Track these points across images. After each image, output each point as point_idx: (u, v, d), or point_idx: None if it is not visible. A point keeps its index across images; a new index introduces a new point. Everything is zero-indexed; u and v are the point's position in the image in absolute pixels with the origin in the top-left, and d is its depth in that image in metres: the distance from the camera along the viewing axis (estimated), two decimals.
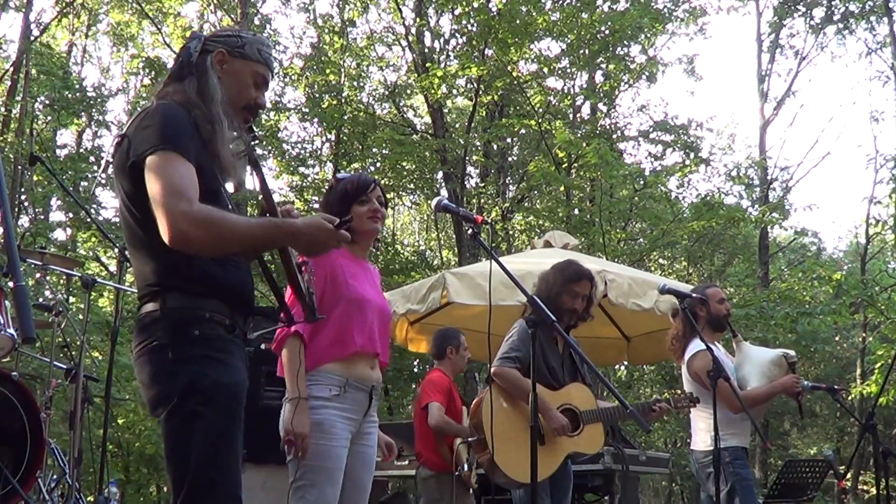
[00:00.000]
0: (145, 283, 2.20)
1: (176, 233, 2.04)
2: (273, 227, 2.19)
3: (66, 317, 5.57)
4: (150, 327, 2.15)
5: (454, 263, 16.58)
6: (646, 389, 17.49)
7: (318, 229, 2.18)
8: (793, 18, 17.85)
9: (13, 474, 4.01)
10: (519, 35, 14.02)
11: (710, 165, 16.91)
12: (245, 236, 2.13)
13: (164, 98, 2.27)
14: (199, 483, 2.06)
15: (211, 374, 2.10)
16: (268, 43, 2.46)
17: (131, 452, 14.71)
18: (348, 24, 16.82)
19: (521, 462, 3.86)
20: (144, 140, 2.14)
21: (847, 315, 13.11)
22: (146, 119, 2.19)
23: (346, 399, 2.94)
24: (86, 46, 18.51)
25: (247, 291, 2.31)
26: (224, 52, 2.34)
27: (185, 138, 2.16)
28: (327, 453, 2.85)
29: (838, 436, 20.78)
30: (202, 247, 2.10)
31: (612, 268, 6.84)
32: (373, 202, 3.12)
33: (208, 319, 2.15)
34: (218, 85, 2.29)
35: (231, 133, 2.30)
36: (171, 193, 2.05)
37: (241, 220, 2.15)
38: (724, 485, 4.26)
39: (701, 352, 4.28)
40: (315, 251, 2.29)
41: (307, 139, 16.89)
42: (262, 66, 2.39)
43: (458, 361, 5.36)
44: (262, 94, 2.41)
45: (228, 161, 2.27)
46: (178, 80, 2.31)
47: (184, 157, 2.12)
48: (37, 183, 14.34)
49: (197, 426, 2.07)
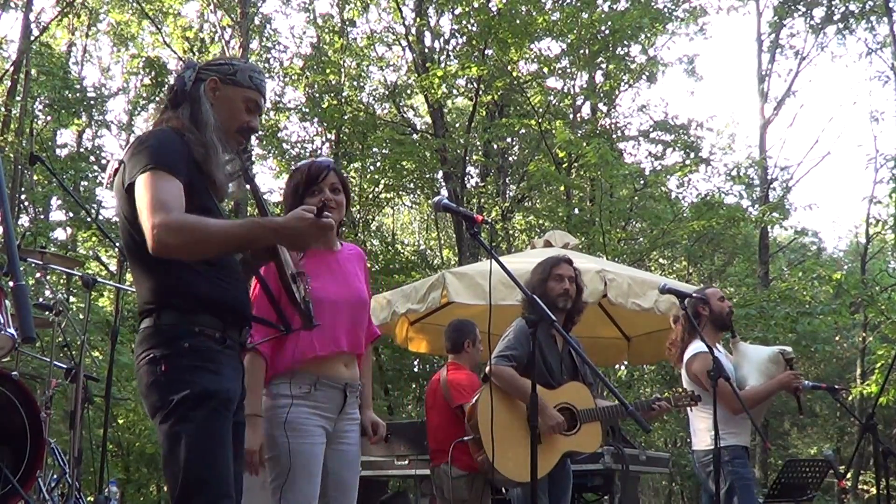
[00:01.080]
0: (143, 300, 2.36)
1: (155, 242, 2.18)
2: (254, 224, 2.28)
3: (66, 316, 5.56)
4: (147, 341, 2.31)
5: (454, 263, 16.59)
6: (646, 389, 17.48)
7: (298, 221, 2.24)
8: (793, 18, 17.84)
9: (13, 474, 4.01)
10: (519, 35, 14.01)
11: (710, 165, 16.93)
12: (225, 236, 2.23)
13: (159, 125, 2.42)
14: (191, 483, 2.20)
15: (199, 381, 2.25)
16: (259, 70, 2.58)
17: (131, 452, 14.70)
18: (348, 23, 16.82)
19: (518, 461, 3.86)
20: (137, 162, 2.28)
21: (847, 315, 13.12)
22: (140, 144, 2.33)
23: (317, 397, 2.90)
24: (86, 46, 18.50)
25: (239, 305, 2.43)
26: (217, 80, 2.46)
27: (174, 158, 2.29)
28: (298, 450, 2.82)
29: (838, 436, 20.78)
30: (182, 252, 2.23)
31: (612, 267, 6.84)
32: (324, 192, 2.99)
33: (198, 333, 2.30)
34: (210, 111, 2.42)
35: (224, 156, 2.42)
36: (153, 207, 2.19)
37: (220, 222, 2.26)
38: (724, 484, 4.27)
39: (701, 353, 4.28)
40: (299, 245, 2.39)
41: (307, 139, 16.90)
42: (254, 91, 2.49)
43: (475, 355, 5.16)
44: (255, 118, 2.52)
45: (222, 182, 2.40)
46: (174, 108, 2.45)
47: (171, 175, 2.25)
48: (37, 183, 14.35)
49: (186, 429, 2.21)
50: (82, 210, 11.77)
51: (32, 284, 7.35)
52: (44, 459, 4.42)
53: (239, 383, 2.41)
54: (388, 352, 14.62)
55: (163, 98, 2.53)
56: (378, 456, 6.27)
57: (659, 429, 17.96)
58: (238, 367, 2.42)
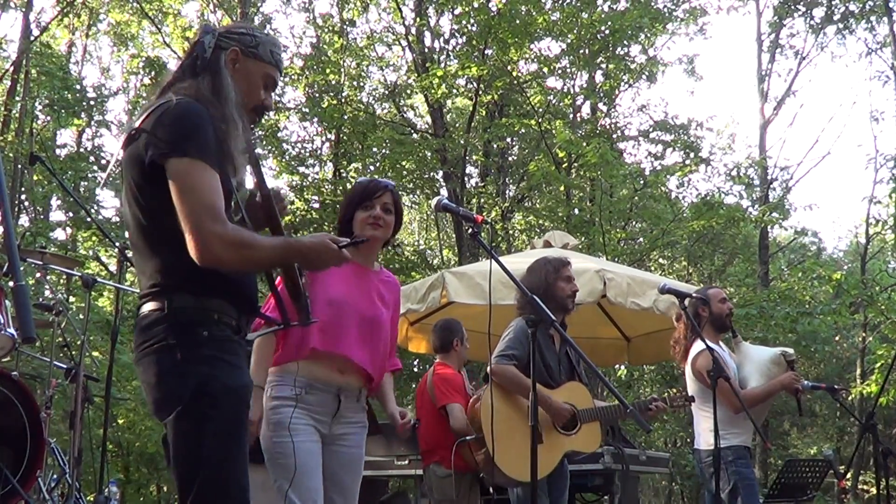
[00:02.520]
0: (149, 281, 2.16)
1: (207, 254, 2.05)
2: (288, 247, 2.21)
3: (66, 316, 5.56)
4: (154, 327, 2.11)
5: (454, 263, 16.58)
6: (646, 389, 17.48)
7: (323, 249, 2.21)
8: (793, 18, 17.86)
9: (13, 474, 4.02)
10: (519, 35, 14.01)
11: (710, 165, 16.94)
12: (269, 258, 2.18)
13: (178, 94, 2.21)
14: (213, 485, 2.05)
15: (220, 376, 2.09)
16: (279, 44, 2.43)
17: (131, 452, 14.70)
18: (348, 23, 16.81)
19: (519, 461, 3.86)
20: (168, 141, 2.10)
21: (847, 315, 13.13)
22: (167, 116, 2.13)
23: (309, 400, 2.92)
24: (86, 46, 18.50)
25: (251, 292, 2.31)
26: (238, 51, 2.31)
27: (209, 143, 2.13)
28: (293, 449, 2.83)
29: (838, 436, 20.78)
30: (231, 266, 2.13)
31: (611, 267, 6.84)
32: (375, 209, 3.09)
33: (217, 321, 2.14)
34: (232, 85, 2.26)
35: (245, 134, 2.27)
36: (205, 212, 2.05)
37: (267, 241, 2.17)
38: (727, 484, 4.27)
39: (704, 351, 4.29)
40: (316, 267, 2.32)
41: (307, 139, 16.90)
42: (273, 68, 2.36)
43: (463, 354, 5.22)
44: (270, 97, 2.40)
45: (239, 161, 2.24)
46: (192, 76, 2.27)
47: (210, 167, 2.10)
48: (37, 183, 14.33)
49: (208, 429, 2.05)
50: (82, 210, 11.74)
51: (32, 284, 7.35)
52: (44, 459, 4.42)
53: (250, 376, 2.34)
54: None
55: (181, 63, 2.35)
56: (378, 456, 6.27)
57: (659, 429, 17.95)
58: (248, 359, 2.36)
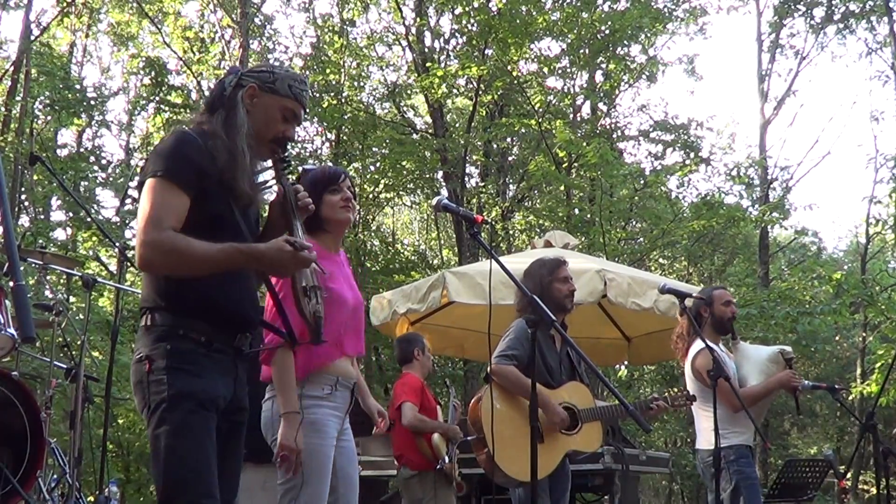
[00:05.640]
0: (143, 301, 2.41)
1: (140, 259, 2.28)
2: (235, 252, 2.30)
3: (66, 316, 5.56)
4: (139, 340, 2.37)
5: (454, 263, 16.58)
6: (646, 389, 17.48)
7: (279, 251, 2.29)
8: (793, 18, 17.84)
9: (13, 474, 4.01)
10: (519, 35, 14.00)
11: (711, 165, 16.94)
12: (205, 261, 2.28)
13: (189, 126, 2.45)
14: (170, 485, 2.25)
15: (176, 383, 2.28)
16: (301, 79, 2.56)
17: (131, 452, 14.71)
18: (348, 23, 16.81)
19: (520, 461, 3.86)
20: (152, 163, 2.35)
21: (847, 315, 13.11)
22: (159, 144, 2.39)
23: (336, 397, 2.98)
24: (86, 46, 18.50)
25: (239, 310, 2.43)
26: (255, 87, 2.46)
27: (185, 167, 2.32)
28: (319, 452, 2.86)
29: (838, 436, 20.78)
30: (163, 271, 2.33)
31: (612, 267, 6.84)
32: (344, 191, 3.11)
33: (182, 336, 2.33)
34: (245, 117, 2.42)
35: (253, 165, 2.43)
36: (147, 222, 2.26)
37: (203, 247, 2.28)
38: (729, 483, 4.27)
39: (704, 350, 4.29)
40: (279, 273, 2.47)
41: (307, 139, 16.90)
42: (292, 101, 2.50)
43: (426, 363, 5.54)
44: (292, 128, 2.53)
45: (244, 191, 2.39)
46: (210, 112, 2.46)
47: (177, 187, 2.29)
48: (37, 183, 14.34)
49: (164, 432, 2.26)
50: (82, 210, 11.76)
51: (32, 284, 7.35)
52: (44, 459, 4.42)
53: (229, 387, 2.39)
54: (388, 352, 14.61)
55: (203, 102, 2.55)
56: (378, 456, 6.27)
57: (659, 429, 17.96)
58: (229, 371, 2.40)
